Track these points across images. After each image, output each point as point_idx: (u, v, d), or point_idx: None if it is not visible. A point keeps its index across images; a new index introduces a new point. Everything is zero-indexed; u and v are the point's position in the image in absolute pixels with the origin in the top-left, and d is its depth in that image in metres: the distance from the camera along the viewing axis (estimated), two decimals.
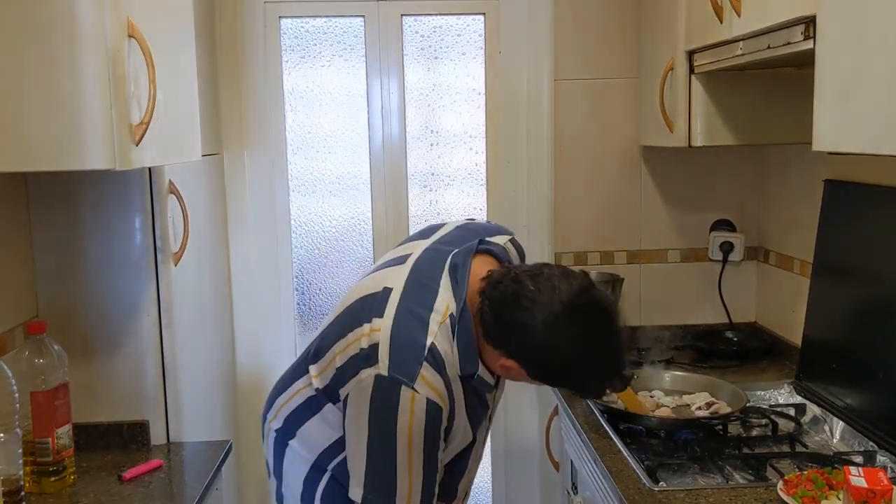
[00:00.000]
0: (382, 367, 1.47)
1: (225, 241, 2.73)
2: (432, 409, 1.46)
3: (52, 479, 1.76)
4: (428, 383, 1.46)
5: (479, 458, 1.80)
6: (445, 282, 1.55)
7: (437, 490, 1.55)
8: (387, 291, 1.56)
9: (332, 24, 2.78)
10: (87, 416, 1.97)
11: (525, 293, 1.46)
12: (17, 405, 1.59)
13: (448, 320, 1.51)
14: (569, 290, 1.46)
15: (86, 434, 1.96)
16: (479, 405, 1.62)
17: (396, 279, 1.58)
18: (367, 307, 1.56)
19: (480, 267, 1.57)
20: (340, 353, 1.55)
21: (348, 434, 1.55)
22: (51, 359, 1.75)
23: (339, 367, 1.55)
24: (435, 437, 1.50)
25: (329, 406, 1.59)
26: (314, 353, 1.63)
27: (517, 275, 1.50)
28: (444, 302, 1.53)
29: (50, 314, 1.95)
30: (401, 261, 1.64)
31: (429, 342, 1.48)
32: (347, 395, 1.53)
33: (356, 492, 1.51)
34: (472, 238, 1.64)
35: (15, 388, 1.59)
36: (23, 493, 1.60)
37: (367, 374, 1.48)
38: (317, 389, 1.61)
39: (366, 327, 1.52)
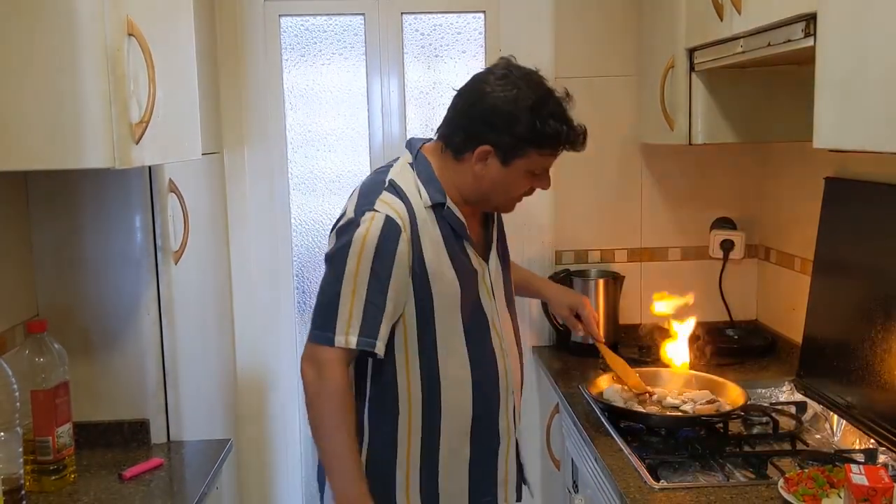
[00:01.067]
0: (350, 213, 1.65)
1: (225, 239, 2.73)
2: (389, 223, 1.61)
3: (53, 477, 1.76)
4: (386, 203, 1.63)
5: (513, 346, 1.82)
6: (403, 154, 1.78)
7: (380, 329, 1.60)
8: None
9: (332, 23, 2.78)
10: (88, 415, 1.97)
11: (468, 89, 1.70)
12: (18, 404, 1.59)
13: (407, 166, 1.73)
14: (501, 64, 1.70)
15: (86, 433, 1.96)
16: (459, 249, 1.71)
17: None
18: None
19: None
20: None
21: None
22: (51, 357, 1.75)
23: None
24: (385, 252, 1.60)
25: None
26: None
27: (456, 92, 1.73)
28: (403, 160, 1.76)
29: (50, 313, 1.95)
30: None
31: (388, 179, 1.69)
32: None
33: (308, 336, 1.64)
34: None
35: (15, 386, 1.59)
36: (23, 492, 1.61)
37: (338, 227, 1.66)
38: None
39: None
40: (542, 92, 1.66)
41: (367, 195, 1.67)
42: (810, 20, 1.52)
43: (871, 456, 1.79)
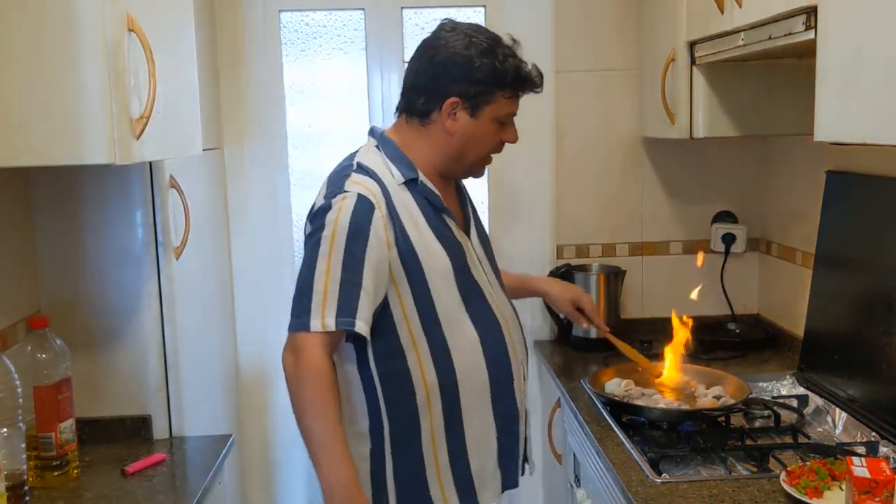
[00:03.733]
0: (321, 201, 1.65)
1: (226, 235, 2.73)
2: (361, 201, 1.61)
3: (56, 473, 1.76)
4: (357, 183, 1.64)
5: (514, 319, 1.81)
6: (367, 141, 1.80)
7: (359, 307, 1.57)
8: None
9: (331, 18, 2.78)
10: (90, 411, 1.98)
11: (423, 50, 1.72)
12: (20, 400, 1.60)
13: (374, 149, 1.73)
14: (445, 22, 1.74)
15: (89, 428, 1.96)
16: (440, 223, 1.70)
17: None
18: None
19: None
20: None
21: None
22: (53, 353, 1.75)
23: None
24: (360, 230, 1.58)
25: None
26: None
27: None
28: (368, 145, 1.77)
29: (52, 309, 1.95)
30: None
31: (355, 163, 1.70)
32: None
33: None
34: None
35: (18, 382, 1.59)
36: (26, 488, 1.61)
37: (310, 216, 1.66)
38: None
39: None
40: (493, 35, 1.70)
41: (335, 182, 1.67)
42: (811, 13, 1.52)
43: (872, 449, 1.79)
